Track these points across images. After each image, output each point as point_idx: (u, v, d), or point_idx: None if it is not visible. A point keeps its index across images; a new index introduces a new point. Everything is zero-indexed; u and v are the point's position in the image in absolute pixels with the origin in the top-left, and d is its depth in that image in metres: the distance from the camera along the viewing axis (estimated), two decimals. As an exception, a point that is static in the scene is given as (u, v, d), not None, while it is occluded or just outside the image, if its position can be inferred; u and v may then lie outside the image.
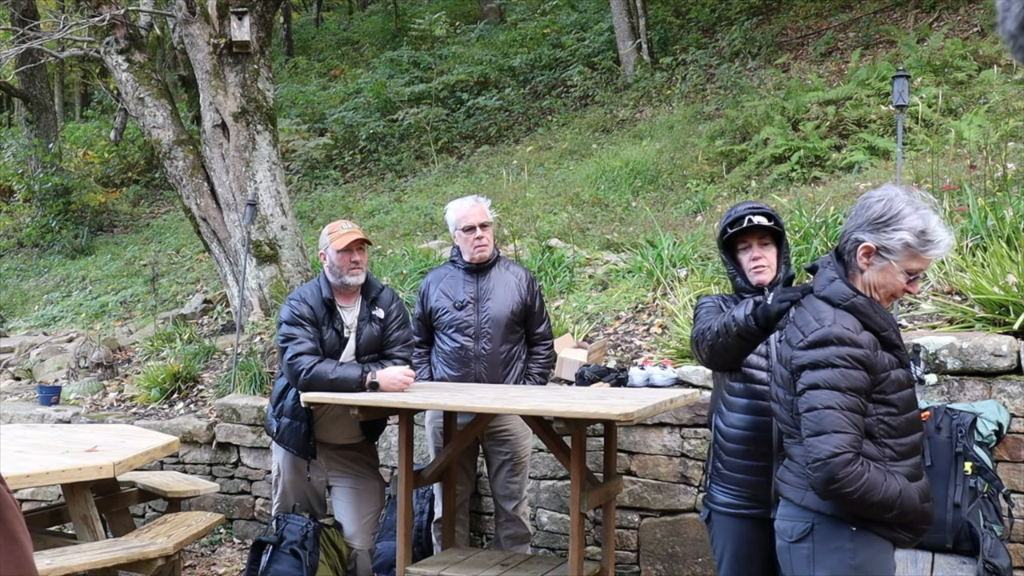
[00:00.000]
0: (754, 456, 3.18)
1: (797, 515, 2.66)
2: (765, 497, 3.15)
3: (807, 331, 2.59)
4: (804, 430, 2.53)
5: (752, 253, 3.29)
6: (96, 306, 11.06)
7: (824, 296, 2.65)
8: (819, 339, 2.53)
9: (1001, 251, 4.81)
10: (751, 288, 3.28)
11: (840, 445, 2.46)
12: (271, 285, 7.99)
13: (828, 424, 2.49)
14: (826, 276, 2.69)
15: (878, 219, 2.59)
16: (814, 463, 2.49)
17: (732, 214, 3.30)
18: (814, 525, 2.61)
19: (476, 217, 4.67)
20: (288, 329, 4.35)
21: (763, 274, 3.26)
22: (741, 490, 3.21)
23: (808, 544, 2.61)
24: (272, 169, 8.19)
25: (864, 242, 2.60)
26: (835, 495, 2.50)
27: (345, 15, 25.03)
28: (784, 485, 2.74)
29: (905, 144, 7.65)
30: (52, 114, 16.31)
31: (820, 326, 2.56)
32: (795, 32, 12.86)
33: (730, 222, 3.28)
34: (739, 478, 3.21)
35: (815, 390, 2.52)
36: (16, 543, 1.40)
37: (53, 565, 4.18)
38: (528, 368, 4.77)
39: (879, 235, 2.59)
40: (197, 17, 8.05)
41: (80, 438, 5.23)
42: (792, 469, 2.70)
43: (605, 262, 7.23)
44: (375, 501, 4.69)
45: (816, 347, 2.54)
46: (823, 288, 2.67)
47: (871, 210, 2.62)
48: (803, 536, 2.62)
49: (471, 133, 13.97)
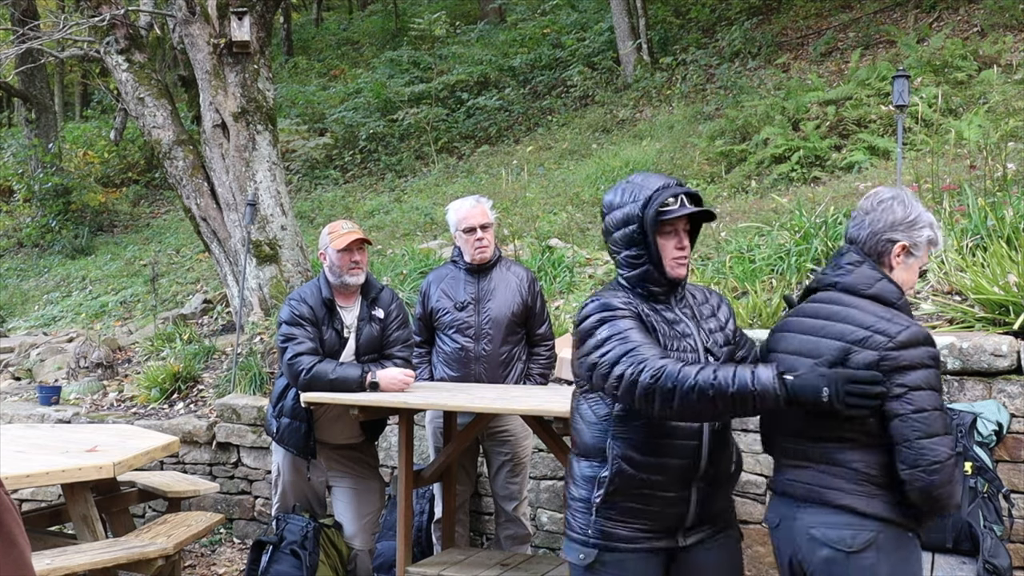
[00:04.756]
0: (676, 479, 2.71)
1: (858, 523, 2.53)
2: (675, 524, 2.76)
3: (881, 328, 2.53)
4: (912, 432, 2.46)
5: (678, 241, 2.75)
6: (96, 306, 11.06)
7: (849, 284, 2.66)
8: (911, 339, 2.51)
9: (1001, 251, 4.81)
10: (665, 283, 2.75)
11: (951, 447, 2.48)
12: (271, 285, 7.99)
13: (939, 426, 2.48)
14: (850, 259, 2.69)
15: (904, 219, 2.69)
16: (932, 465, 2.45)
17: (660, 190, 2.72)
18: (879, 534, 2.53)
19: (477, 218, 4.66)
20: (288, 329, 4.35)
21: (684, 268, 2.76)
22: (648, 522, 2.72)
23: (873, 554, 2.51)
24: (272, 169, 8.19)
25: (900, 241, 2.68)
26: (942, 497, 2.48)
27: (345, 15, 25.03)
28: (834, 492, 2.56)
29: (905, 144, 7.65)
30: (52, 114, 16.31)
31: (905, 326, 2.53)
32: (795, 32, 12.86)
33: (663, 201, 2.69)
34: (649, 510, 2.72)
35: (919, 391, 2.48)
36: (14, 546, 1.40)
37: (53, 565, 4.18)
38: (529, 369, 4.77)
39: (910, 234, 2.70)
40: (197, 17, 8.05)
41: (80, 438, 5.23)
42: (843, 475, 2.57)
43: (605, 262, 7.23)
44: (375, 501, 4.69)
45: (910, 347, 2.50)
46: (848, 273, 2.67)
47: (895, 212, 2.70)
48: (866, 545, 2.52)
49: (471, 133, 13.97)
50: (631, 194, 2.77)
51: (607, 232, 2.86)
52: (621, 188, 2.83)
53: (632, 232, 2.74)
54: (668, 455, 2.67)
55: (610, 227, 2.83)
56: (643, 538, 2.72)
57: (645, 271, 2.76)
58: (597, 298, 2.77)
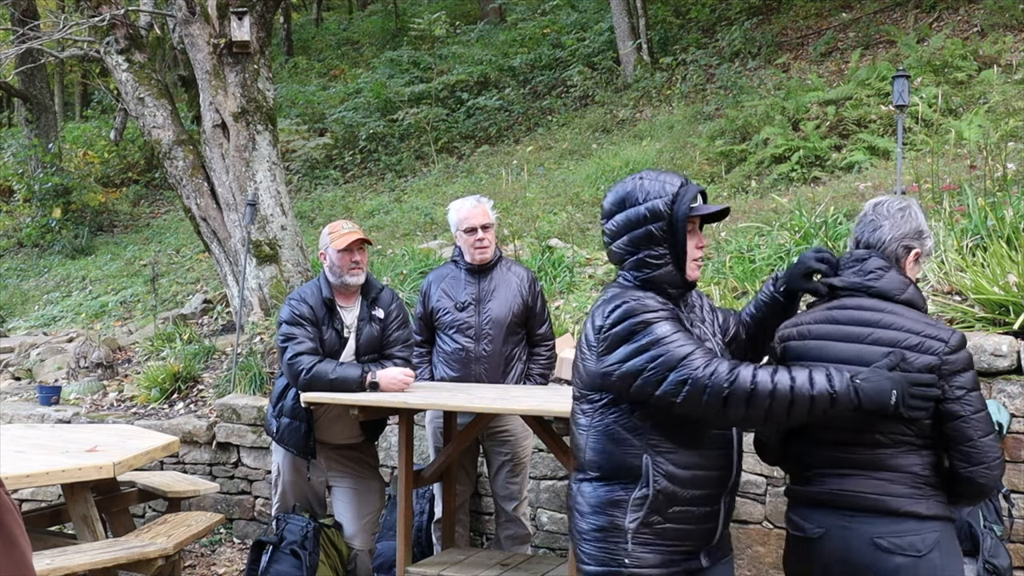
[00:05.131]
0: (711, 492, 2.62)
1: (923, 527, 2.55)
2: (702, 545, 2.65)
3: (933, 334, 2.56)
4: (975, 432, 2.54)
5: (699, 240, 2.66)
6: (96, 306, 11.06)
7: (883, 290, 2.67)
8: (960, 343, 2.58)
9: (1001, 251, 4.81)
10: (681, 285, 2.64)
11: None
12: (271, 285, 7.99)
13: (991, 424, 2.57)
14: (877, 264, 2.70)
15: (918, 228, 2.76)
16: (994, 462, 2.54)
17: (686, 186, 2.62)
18: (940, 533, 2.57)
19: (478, 218, 4.65)
20: (288, 329, 4.35)
21: (699, 270, 2.70)
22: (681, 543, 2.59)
23: (938, 554, 2.54)
24: (272, 169, 8.19)
25: (915, 249, 2.75)
26: (992, 490, 2.63)
27: (345, 15, 25.03)
28: (898, 500, 2.56)
29: (905, 144, 7.65)
30: (52, 114, 16.31)
31: (952, 331, 2.60)
32: (795, 32, 12.87)
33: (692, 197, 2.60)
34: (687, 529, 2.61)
35: (974, 392, 2.56)
36: (15, 546, 1.40)
37: (53, 565, 4.18)
38: (529, 369, 4.77)
39: (922, 242, 2.77)
40: (197, 17, 8.05)
41: (80, 438, 5.23)
42: (902, 481, 2.57)
43: (605, 262, 7.23)
44: (375, 501, 4.69)
45: (960, 351, 2.57)
46: (879, 278, 2.68)
47: (913, 220, 2.76)
48: (933, 547, 2.54)
49: (471, 133, 13.97)
50: (654, 190, 2.61)
51: (618, 231, 2.65)
52: (636, 184, 2.65)
53: (657, 230, 2.59)
54: (706, 467, 2.58)
55: (624, 225, 2.64)
56: (676, 561, 2.57)
57: (666, 272, 2.61)
58: (624, 300, 2.56)
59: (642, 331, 2.51)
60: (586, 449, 2.61)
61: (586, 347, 2.61)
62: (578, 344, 2.71)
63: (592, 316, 2.63)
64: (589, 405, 2.61)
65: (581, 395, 2.65)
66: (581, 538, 2.62)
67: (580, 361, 2.65)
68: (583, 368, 2.63)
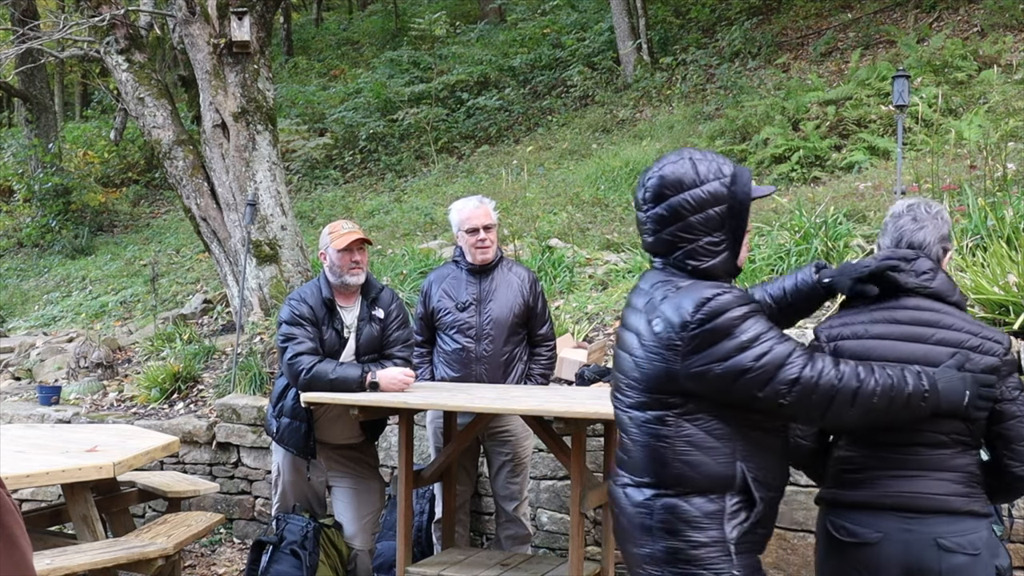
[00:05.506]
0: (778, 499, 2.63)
1: (980, 525, 2.60)
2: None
3: (990, 335, 2.60)
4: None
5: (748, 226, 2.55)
6: (96, 306, 11.06)
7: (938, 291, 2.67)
8: (1010, 344, 2.64)
9: (1001, 251, 4.81)
10: (734, 272, 2.54)
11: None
12: (271, 285, 8.00)
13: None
14: (928, 266, 2.69)
15: (951, 229, 2.84)
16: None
17: (741, 167, 2.53)
18: (989, 529, 2.64)
19: (480, 219, 4.65)
20: (288, 329, 4.35)
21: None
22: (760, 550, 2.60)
23: (987, 550, 2.61)
24: (272, 169, 8.19)
25: (950, 250, 2.80)
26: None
27: (345, 15, 25.03)
28: (960, 499, 2.57)
29: (905, 144, 7.65)
30: (52, 114, 16.32)
31: (1004, 333, 2.65)
32: (795, 32, 12.87)
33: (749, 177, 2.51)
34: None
35: (1023, 392, 2.61)
36: (15, 547, 1.39)
37: (53, 565, 4.18)
38: (530, 369, 4.77)
39: (952, 242, 2.84)
40: (197, 17, 8.05)
41: (80, 438, 5.23)
42: (961, 480, 2.59)
43: (605, 262, 7.23)
44: (375, 501, 4.69)
45: (1011, 351, 2.63)
46: (932, 279, 2.67)
47: (949, 221, 2.80)
48: (986, 543, 2.60)
49: (471, 133, 13.97)
50: (711, 171, 2.44)
51: (671, 217, 2.44)
52: (688, 166, 2.44)
53: (717, 213, 2.42)
54: (778, 470, 2.52)
55: (678, 210, 2.43)
56: (759, 567, 2.48)
57: (723, 260, 2.45)
58: (711, 293, 2.36)
59: (740, 326, 2.34)
60: (673, 461, 2.38)
61: (659, 347, 2.37)
62: (628, 346, 2.49)
63: (659, 313, 2.39)
64: (668, 411, 2.40)
65: (654, 401, 2.42)
66: (673, 559, 2.40)
67: (646, 364, 2.41)
68: (653, 371, 2.39)
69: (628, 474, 2.51)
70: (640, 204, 2.52)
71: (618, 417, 2.58)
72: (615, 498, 2.57)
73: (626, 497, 2.49)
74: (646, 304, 2.46)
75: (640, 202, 2.52)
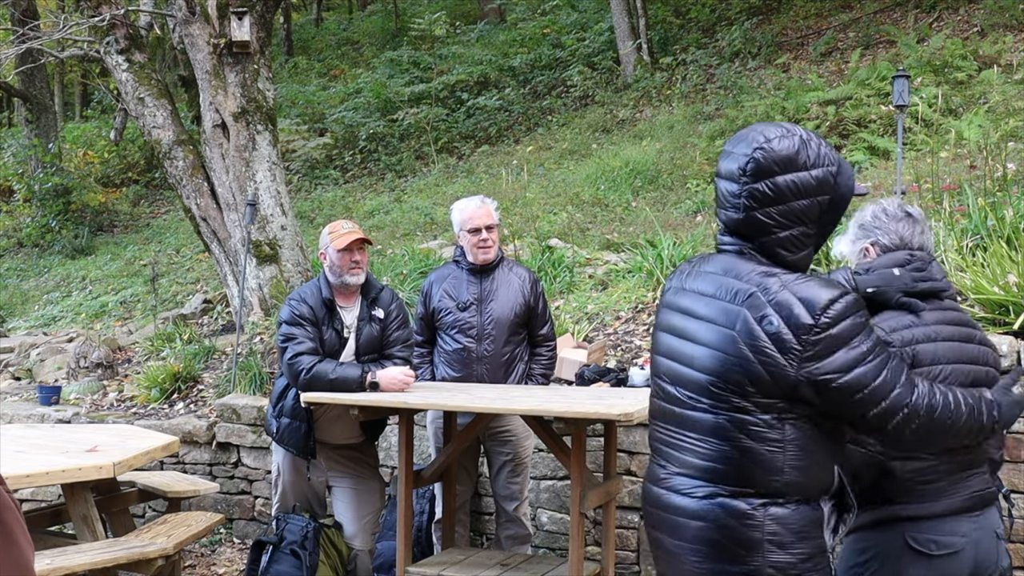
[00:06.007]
0: None
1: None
2: None
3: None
4: None
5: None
6: (96, 306, 11.06)
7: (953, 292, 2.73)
8: None
9: (1001, 251, 4.81)
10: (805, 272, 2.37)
11: None
12: (271, 285, 7.99)
13: None
14: (939, 269, 2.73)
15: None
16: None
17: (851, 169, 2.33)
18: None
19: (482, 219, 4.65)
20: (288, 329, 4.35)
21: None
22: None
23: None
24: (272, 169, 8.19)
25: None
26: None
27: (345, 15, 25.03)
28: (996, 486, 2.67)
29: (905, 144, 7.65)
30: (52, 114, 16.31)
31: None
32: (795, 32, 12.87)
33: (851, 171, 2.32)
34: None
35: None
36: (15, 545, 1.39)
37: (53, 565, 4.18)
38: (531, 369, 4.77)
39: None
40: (197, 17, 8.05)
41: (80, 438, 5.22)
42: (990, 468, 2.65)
43: (605, 262, 7.23)
44: (375, 501, 4.69)
45: None
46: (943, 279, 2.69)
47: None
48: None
49: (471, 133, 13.97)
50: (821, 155, 2.21)
51: (777, 197, 2.18)
52: (801, 143, 2.20)
53: (820, 204, 2.20)
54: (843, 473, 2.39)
55: (787, 191, 2.18)
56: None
57: (807, 255, 2.25)
58: (838, 291, 2.14)
59: (863, 333, 2.13)
60: (784, 468, 2.16)
61: (771, 348, 2.12)
62: (701, 339, 2.24)
63: (773, 309, 2.13)
64: (775, 416, 2.16)
65: (760, 404, 2.16)
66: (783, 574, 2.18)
67: (752, 363, 2.15)
68: (758, 372, 2.14)
69: (719, 484, 2.20)
70: (735, 175, 2.22)
71: (692, 420, 2.25)
72: (689, 511, 2.24)
73: (722, 510, 2.19)
74: (737, 295, 2.19)
75: (735, 172, 2.22)
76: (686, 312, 2.30)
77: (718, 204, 2.29)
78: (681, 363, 2.28)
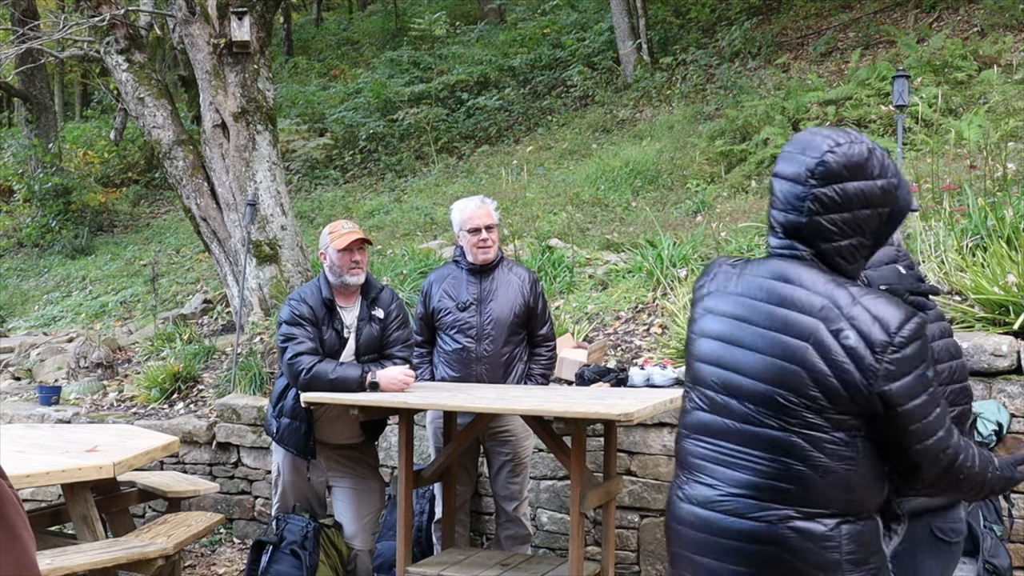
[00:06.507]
0: None
1: None
2: None
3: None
4: None
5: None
6: (96, 306, 11.06)
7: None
8: None
9: (1001, 251, 4.81)
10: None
11: None
12: (271, 285, 7.99)
13: None
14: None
15: None
16: None
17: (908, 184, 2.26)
18: None
19: (482, 219, 4.65)
20: (288, 329, 4.35)
21: None
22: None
23: None
24: (272, 169, 8.19)
25: None
26: None
27: (345, 15, 25.03)
28: None
29: (905, 144, 7.65)
30: (52, 114, 16.31)
31: None
32: (795, 32, 12.86)
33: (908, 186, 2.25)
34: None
35: None
36: (17, 540, 1.38)
37: (53, 565, 4.18)
38: (530, 369, 4.77)
39: None
40: (197, 17, 8.05)
41: (80, 438, 5.22)
42: None
43: (605, 262, 7.22)
44: (375, 501, 4.69)
45: None
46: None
47: None
48: None
49: (471, 133, 13.97)
50: (888, 166, 2.13)
51: (844, 204, 2.09)
52: (869, 151, 2.11)
53: (880, 216, 2.12)
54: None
55: (853, 199, 2.09)
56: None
57: (858, 268, 2.17)
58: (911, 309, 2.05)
59: (928, 359, 2.04)
60: (856, 486, 2.06)
61: (850, 364, 2.02)
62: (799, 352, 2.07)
63: (850, 323, 2.03)
64: (849, 433, 2.05)
65: (830, 422, 2.04)
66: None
67: (829, 377, 2.03)
68: (841, 387, 2.02)
69: (789, 505, 2.06)
70: (801, 177, 2.12)
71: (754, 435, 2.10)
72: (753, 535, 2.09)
73: (797, 534, 2.05)
74: (806, 306, 2.07)
75: (802, 174, 2.11)
76: (740, 319, 2.16)
77: (773, 205, 2.18)
78: (738, 373, 2.13)
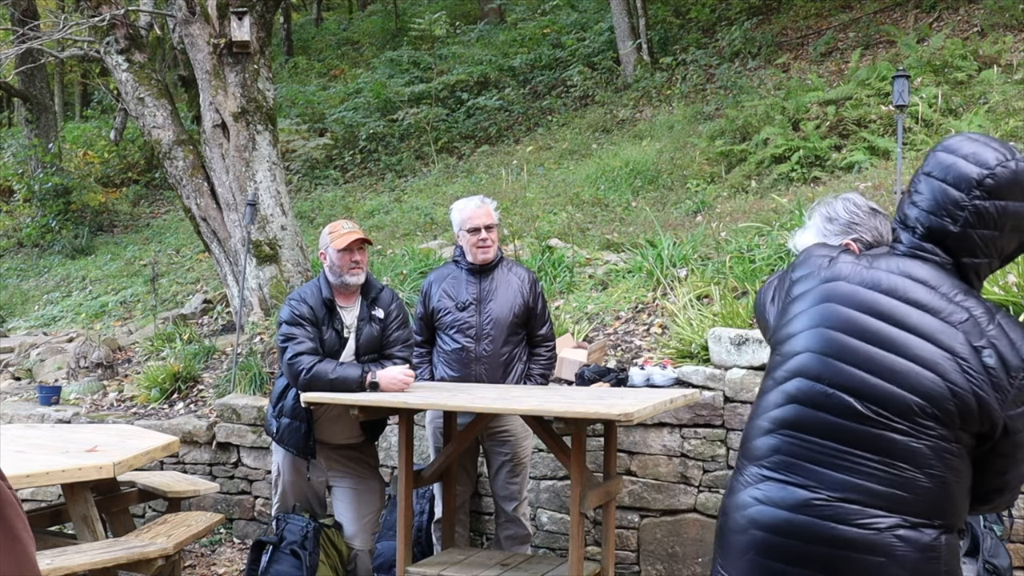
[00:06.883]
0: None
1: None
2: None
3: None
4: None
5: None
6: (96, 306, 11.06)
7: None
8: None
9: (1001, 251, 4.80)
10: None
11: None
12: (271, 285, 7.99)
13: None
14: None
15: None
16: None
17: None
18: None
19: (482, 219, 4.66)
20: (288, 329, 4.35)
21: None
22: None
23: None
24: (272, 169, 8.19)
25: None
26: None
27: (345, 15, 25.03)
28: None
29: (905, 144, 7.65)
30: (52, 114, 16.31)
31: None
32: (795, 32, 12.86)
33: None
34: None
35: None
36: (16, 540, 1.38)
37: (53, 565, 4.18)
38: (530, 369, 4.77)
39: None
40: (197, 17, 8.05)
41: (80, 438, 5.22)
42: None
43: (605, 262, 7.22)
44: (375, 501, 4.69)
45: None
46: None
47: None
48: None
49: (471, 133, 13.97)
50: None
51: (998, 218, 1.98)
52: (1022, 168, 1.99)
53: (1020, 241, 2.04)
54: None
55: (1014, 219, 1.98)
56: None
57: (980, 289, 2.10)
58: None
59: None
60: (957, 500, 2.03)
61: (986, 382, 1.95)
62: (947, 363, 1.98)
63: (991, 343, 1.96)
64: (962, 447, 2.00)
65: (952, 435, 1.98)
66: None
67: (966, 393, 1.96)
68: (976, 404, 1.95)
69: (901, 514, 1.99)
70: (969, 183, 1.98)
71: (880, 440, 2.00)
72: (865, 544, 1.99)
73: (903, 543, 1.98)
74: (953, 315, 1.99)
75: (971, 182, 1.98)
76: (870, 313, 2.04)
77: (915, 204, 2.05)
78: (880, 377, 2.00)
